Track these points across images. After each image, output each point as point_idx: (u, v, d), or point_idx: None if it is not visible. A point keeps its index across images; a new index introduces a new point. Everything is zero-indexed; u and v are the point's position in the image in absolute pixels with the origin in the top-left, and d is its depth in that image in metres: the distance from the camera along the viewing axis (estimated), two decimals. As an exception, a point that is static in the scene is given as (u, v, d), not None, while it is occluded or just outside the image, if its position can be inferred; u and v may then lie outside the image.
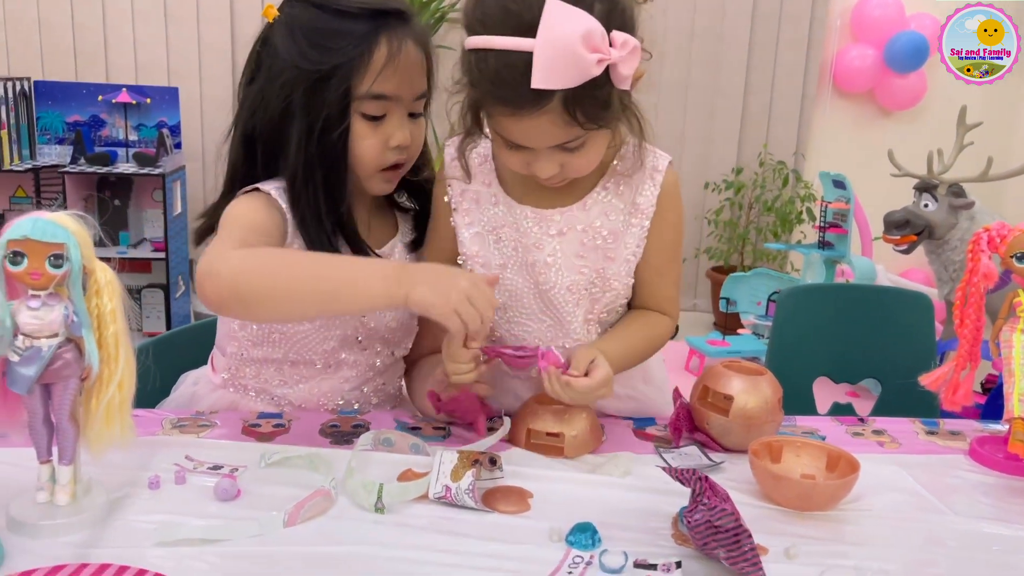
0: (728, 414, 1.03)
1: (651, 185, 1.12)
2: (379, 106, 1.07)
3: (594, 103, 0.94)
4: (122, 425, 0.82)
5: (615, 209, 1.11)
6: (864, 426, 1.17)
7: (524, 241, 1.11)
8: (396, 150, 1.10)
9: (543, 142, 0.98)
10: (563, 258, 1.11)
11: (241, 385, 1.19)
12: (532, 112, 0.94)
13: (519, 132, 0.98)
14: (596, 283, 1.12)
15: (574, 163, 1.02)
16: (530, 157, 1.01)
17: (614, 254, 1.11)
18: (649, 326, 1.16)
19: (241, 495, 0.89)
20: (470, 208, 1.14)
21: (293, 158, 1.06)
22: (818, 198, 3.55)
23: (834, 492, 0.91)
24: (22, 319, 0.77)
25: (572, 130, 0.96)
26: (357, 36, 1.05)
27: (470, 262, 1.14)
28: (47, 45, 3.47)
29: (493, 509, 0.89)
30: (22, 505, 0.82)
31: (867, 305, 1.70)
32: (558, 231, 1.10)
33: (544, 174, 1.02)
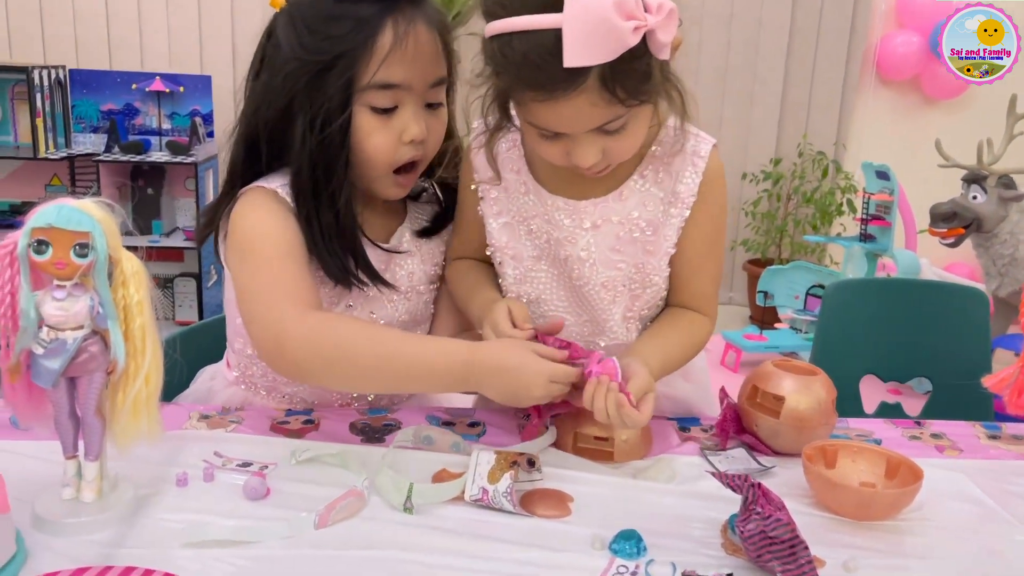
0: (779, 416, 0.98)
1: (692, 172, 1.03)
2: (388, 96, 0.98)
3: (634, 76, 0.86)
4: (149, 420, 0.79)
5: (654, 198, 1.03)
6: (921, 429, 1.11)
7: (556, 234, 1.04)
8: (411, 145, 1.01)
9: (582, 126, 0.90)
10: (598, 253, 1.04)
11: (252, 383, 1.14)
12: (568, 93, 0.85)
13: (555, 118, 0.90)
14: (635, 279, 1.05)
15: (616, 147, 0.94)
16: (569, 145, 0.93)
17: (654, 247, 1.04)
18: (688, 331, 1.07)
19: (271, 494, 0.86)
20: (499, 197, 1.07)
21: (296, 156, 0.99)
22: (859, 189, 3.46)
23: (895, 501, 0.85)
24: (47, 310, 0.74)
25: (613, 109, 0.88)
26: (359, 21, 0.96)
27: (499, 254, 1.08)
28: (82, 34, 3.48)
29: (532, 513, 0.85)
30: (47, 502, 0.80)
31: (918, 301, 1.63)
32: (592, 224, 1.03)
33: (586, 162, 0.94)
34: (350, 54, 0.96)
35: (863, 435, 1.08)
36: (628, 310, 1.07)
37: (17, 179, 3.20)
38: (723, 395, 1.06)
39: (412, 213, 1.15)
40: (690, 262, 1.06)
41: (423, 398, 1.23)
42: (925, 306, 1.62)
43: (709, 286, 1.09)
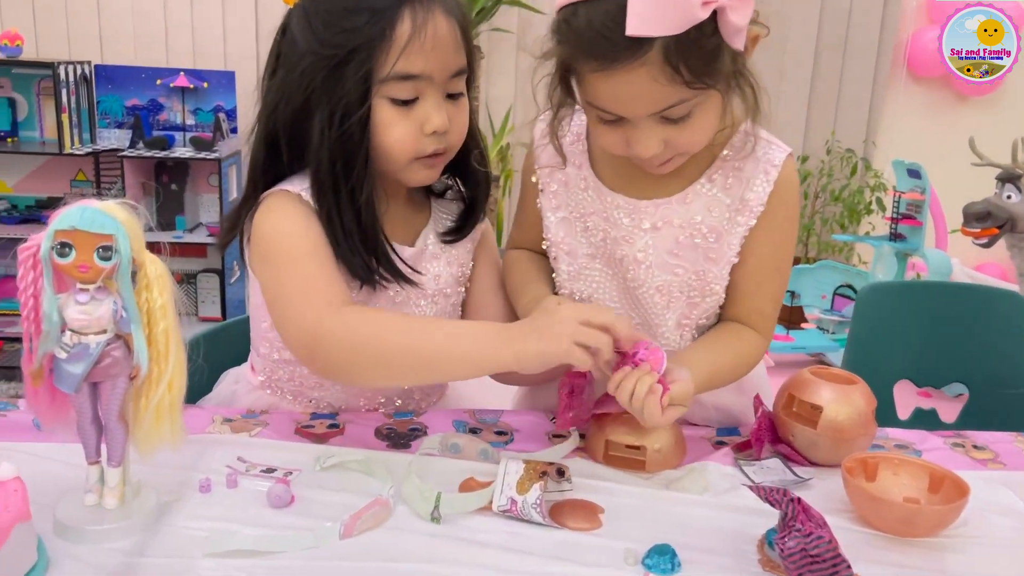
0: (816, 426, 0.95)
1: (764, 180, 0.98)
2: (408, 88, 0.95)
3: (700, 55, 0.82)
4: (172, 426, 0.78)
5: (720, 204, 0.99)
6: (964, 440, 1.08)
7: (613, 233, 1.01)
8: (434, 137, 0.98)
9: (641, 107, 0.86)
10: (655, 255, 1.01)
11: (277, 387, 1.12)
12: (628, 64, 0.82)
13: (614, 95, 0.86)
14: (694, 286, 1.01)
15: (679, 138, 0.89)
16: (629, 132, 0.90)
17: (716, 255, 1.00)
18: (741, 350, 1.03)
19: (295, 501, 0.85)
20: (558, 191, 1.05)
21: (315, 153, 0.96)
22: (889, 188, 3.40)
23: (941, 518, 0.82)
24: (70, 314, 0.73)
25: (675, 90, 0.84)
26: (375, 12, 0.93)
27: (554, 248, 1.06)
28: (107, 29, 3.49)
29: (562, 525, 0.82)
30: (69, 508, 0.79)
31: (953, 304, 1.59)
32: (652, 225, 1.00)
33: (646, 152, 0.90)
34: (367, 46, 0.93)
35: (902, 445, 1.05)
36: (684, 317, 1.04)
37: (43, 174, 3.21)
38: (757, 403, 1.03)
39: (437, 213, 1.13)
40: (752, 276, 1.02)
41: (449, 400, 1.21)
42: (960, 309, 1.58)
43: (768, 305, 1.04)
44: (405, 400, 1.14)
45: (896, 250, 3.13)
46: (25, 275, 0.74)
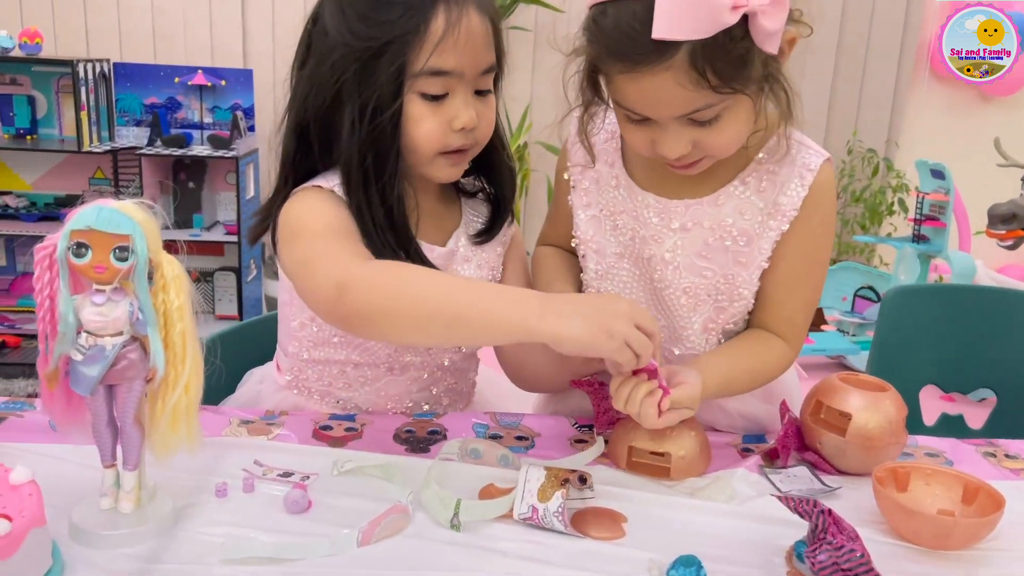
0: (845, 434, 0.93)
1: (799, 184, 0.96)
2: (440, 83, 0.95)
3: (728, 60, 0.81)
4: (189, 429, 0.77)
5: (752, 208, 0.97)
6: (995, 448, 1.05)
7: (642, 232, 1.00)
8: (461, 133, 0.97)
9: (668, 109, 0.85)
10: (683, 256, 0.99)
11: (305, 387, 1.11)
12: (653, 67, 0.81)
13: (640, 97, 0.86)
14: (722, 290, 1.00)
15: (707, 141, 0.88)
16: (655, 133, 0.89)
17: (746, 259, 0.98)
18: (763, 359, 1.00)
19: (312, 507, 0.83)
20: (589, 188, 1.05)
21: (346, 145, 0.96)
22: (912, 188, 3.36)
23: (976, 531, 0.80)
24: (86, 315, 0.72)
25: (702, 95, 0.83)
26: (410, 7, 0.92)
27: (583, 246, 1.05)
28: (126, 27, 3.50)
29: (584, 534, 0.80)
30: (85, 512, 0.78)
31: (979, 307, 1.55)
32: (681, 225, 0.99)
33: (672, 153, 0.89)
34: (401, 40, 0.93)
35: (933, 454, 1.02)
36: (711, 322, 1.02)
37: (61, 172, 3.22)
38: (784, 409, 1.00)
39: (467, 215, 1.11)
40: (782, 283, 0.99)
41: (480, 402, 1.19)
42: (987, 313, 1.54)
43: (799, 314, 1.02)
44: (433, 404, 1.13)
45: (919, 252, 3.09)
46: (41, 275, 0.73)
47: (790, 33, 0.86)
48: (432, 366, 1.10)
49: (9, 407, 1.02)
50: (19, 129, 3.08)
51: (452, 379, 1.14)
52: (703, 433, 0.95)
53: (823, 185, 0.97)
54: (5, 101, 3.08)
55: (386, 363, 1.07)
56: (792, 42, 0.88)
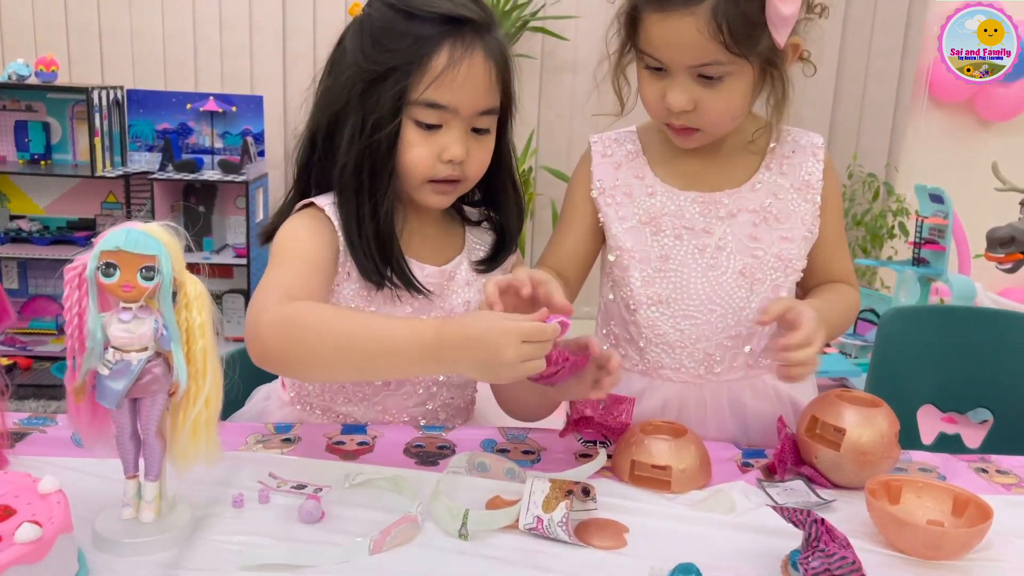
0: (839, 448, 0.96)
1: (814, 160, 1.13)
2: (434, 115, 1.01)
3: (743, 21, 0.95)
4: (208, 442, 0.80)
5: (783, 188, 1.12)
6: (988, 464, 1.08)
7: (692, 227, 1.11)
8: (449, 165, 1.03)
9: (683, 55, 0.99)
10: (734, 241, 1.11)
11: (307, 403, 1.15)
12: (681, 11, 0.96)
13: (662, 40, 0.99)
14: (775, 267, 1.11)
15: (708, 103, 1.01)
16: (667, 84, 1.02)
17: (790, 234, 1.11)
18: (847, 298, 1.15)
19: (325, 517, 0.86)
20: (622, 202, 1.14)
21: (343, 156, 1.02)
22: (912, 212, 3.39)
23: (965, 541, 0.82)
24: (113, 332, 0.75)
25: (715, 48, 0.96)
26: (418, 39, 0.99)
27: (625, 257, 1.13)
28: (139, 55, 3.58)
29: (587, 544, 0.83)
30: (107, 521, 0.81)
31: (977, 329, 1.58)
32: (728, 213, 1.11)
33: (677, 103, 1.01)
34: (404, 68, 0.99)
35: (926, 469, 1.05)
36: (769, 302, 1.08)
37: (74, 196, 3.28)
38: (781, 425, 1.03)
39: (470, 242, 1.16)
40: (830, 244, 1.15)
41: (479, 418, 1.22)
42: (984, 334, 1.57)
43: (850, 262, 1.20)
44: (430, 419, 1.16)
45: (919, 275, 3.12)
46: (70, 294, 0.77)
47: (796, 39, 1.00)
48: (428, 382, 1.14)
49: (32, 423, 1.05)
50: (34, 154, 3.15)
51: (448, 394, 1.17)
52: (703, 448, 0.99)
53: (830, 162, 1.15)
54: (20, 127, 3.15)
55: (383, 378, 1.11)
56: (796, 48, 1.02)
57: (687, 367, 1.13)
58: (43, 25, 3.52)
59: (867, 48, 3.79)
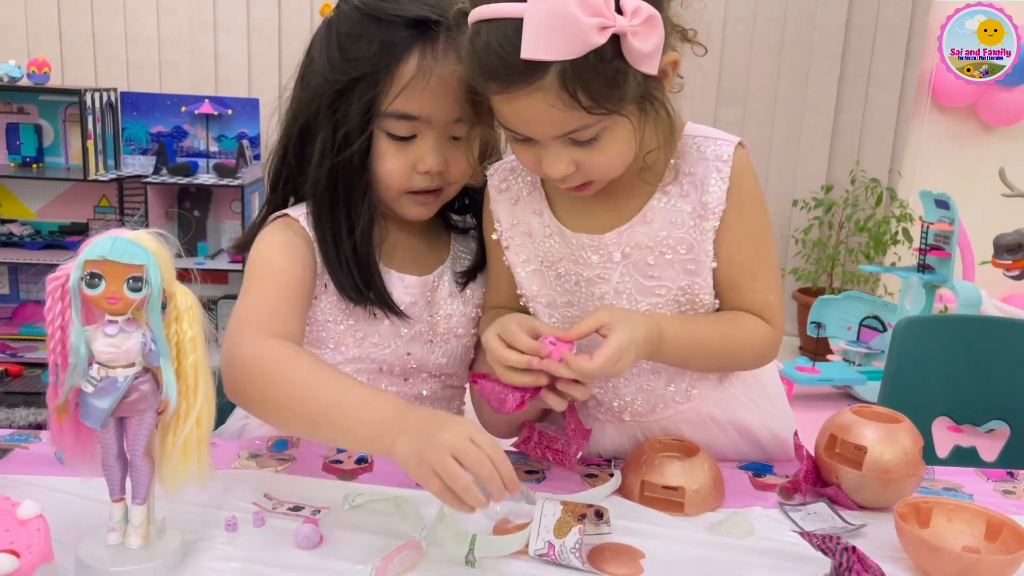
0: (861, 467, 0.91)
1: (717, 178, 0.94)
2: (406, 126, 0.96)
3: (599, 81, 0.79)
4: (200, 462, 0.75)
5: (681, 214, 0.95)
6: (1015, 483, 1.03)
7: (586, 274, 0.98)
8: (426, 176, 0.98)
9: (544, 129, 0.85)
10: (632, 283, 0.97)
11: None
12: (524, 88, 0.80)
13: (515, 116, 0.85)
14: (682, 302, 0.97)
15: (590, 161, 0.87)
16: (539, 152, 0.87)
17: (694, 266, 0.96)
18: (732, 322, 0.97)
19: (323, 542, 0.82)
20: (524, 243, 1.01)
21: (313, 173, 0.98)
22: (916, 218, 3.36)
23: (1002, 569, 0.78)
24: (98, 347, 0.71)
25: (575, 115, 0.81)
26: (385, 45, 0.93)
27: (532, 303, 1.03)
28: (133, 57, 3.54)
29: (602, 571, 0.79)
30: (92, 546, 0.76)
31: (992, 339, 1.54)
32: (622, 255, 0.96)
33: (554, 173, 0.87)
34: (371, 78, 0.94)
35: (951, 488, 1.00)
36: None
37: (66, 200, 3.22)
38: (797, 444, 0.99)
39: (456, 251, 1.11)
40: (741, 268, 0.97)
41: None
42: (997, 344, 1.53)
43: (771, 295, 0.98)
44: None
45: (924, 282, 3.08)
46: (53, 306, 0.72)
47: (672, 56, 0.85)
48: (409, 396, 1.09)
49: (14, 439, 1.00)
50: (25, 157, 3.09)
51: (432, 408, 1.11)
52: (716, 466, 0.94)
53: (741, 170, 0.95)
54: (12, 130, 3.09)
55: None
56: (675, 64, 0.87)
57: (612, 411, 1.05)
58: (36, 27, 3.48)
59: (870, 53, 3.77)
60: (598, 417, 1.06)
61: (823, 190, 3.79)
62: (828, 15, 3.72)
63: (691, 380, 1.02)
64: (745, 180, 0.96)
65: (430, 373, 1.10)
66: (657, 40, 0.81)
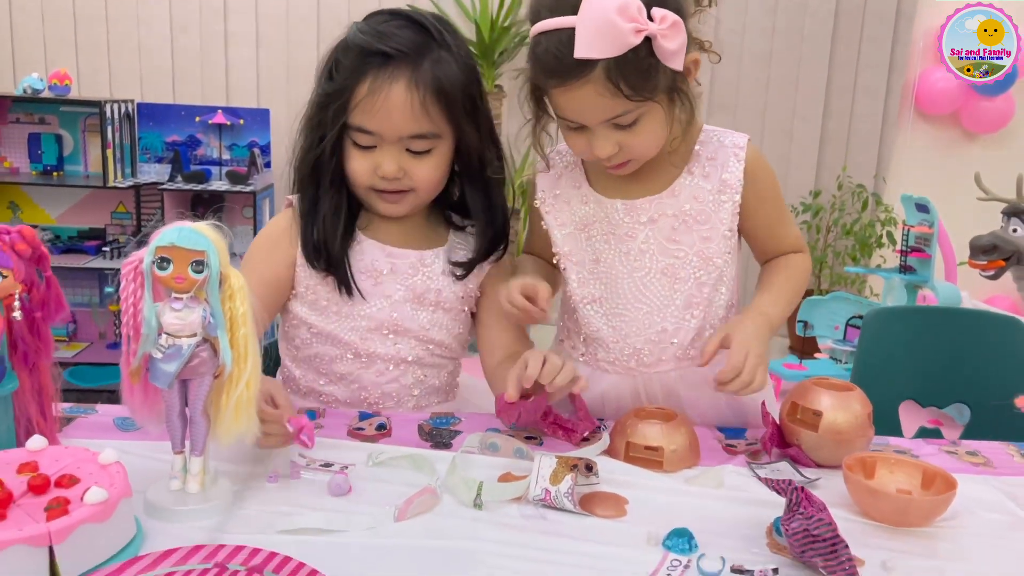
0: (818, 429, 1.04)
1: (735, 160, 1.18)
2: (365, 138, 1.15)
3: (636, 73, 1.02)
4: (248, 420, 0.88)
5: (703, 191, 1.19)
6: (957, 447, 1.17)
7: (617, 232, 1.20)
8: (386, 180, 1.16)
9: (593, 115, 1.06)
10: (655, 243, 1.19)
11: (295, 387, 1.29)
12: (577, 81, 1.02)
13: (569, 106, 1.07)
14: (697, 264, 1.19)
15: (631, 143, 1.09)
16: (589, 136, 1.09)
17: (709, 233, 1.19)
18: (790, 267, 1.24)
19: (352, 491, 0.95)
20: (561, 210, 1.24)
21: (301, 163, 1.21)
22: (899, 222, 3.49)
23: (931, 508, 0.91)
24: (166, 319, 0.84)
25: (619, 102, 1.04)
26: (350, 69, 1.14)
27: (564, 260, 1.23)
28: (147, 69, 3.67)
29: (591, 513, 0.92)
30: (157, 491, 0.89)
31: (955, 328, 1.67)
32: (649, 218, 1.19)
33: (602, 153, 1.09)
34: (337, 95, 1.14)
35: (901, 451, 1.14)
36: (693, 298, 1.19)
37: (86, 206, 3.36)
38: (765, 412, 1.12)
39: (453, 243, 1.28)
40: (777, 222, 1.24)
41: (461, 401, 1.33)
42: (962, 334, 1.66)
43: (793, 228, 1.28)
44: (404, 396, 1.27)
45: (906, 282, 3.21)
46: (127, 286, 0.86)
47: (693, 55, 1.08)
48: (397, 359, 1.25)
49: (75, 411, 1.14)
50: (46, 166, 3.23)
51: (421, 372, 1.27)
52: (692, 430, 1.08)
53: (755, 155, 1.20)
54: (34, 139, 3.24)
55: (352, 352, 1.24)
56: (696, 63, 1.10)
57: (620, 360, 1.23)
58: (53, 40, 3.61)
59: (855, 63, 3.91)
60: (606, 369, 1.24)
61: (811, 195, 3.93)
62: (815, 26, 3.86)
63: (693, 339, 1.21)
64: (760, 163, 1.21)
65: (416, 337, 1.25)
66: (681, 41, 1.03)
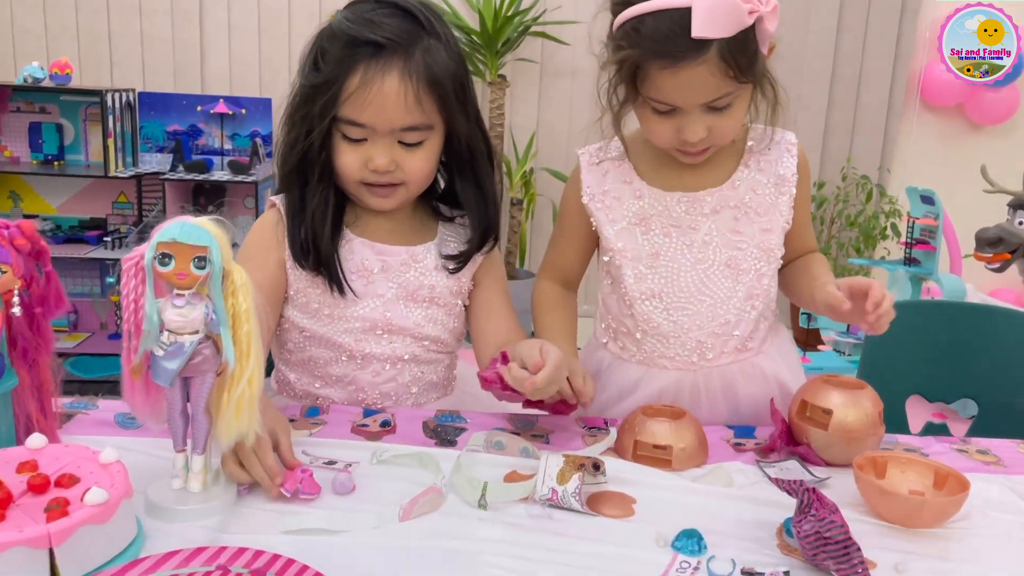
0: (828, 428, 1.03)
1: (789, 156, 1.22)
2: (356, 131, 1.11)
3: (746, 54, 1.03)
4: (250, 418, 0.87)
5: (760, 184, 1.21)
6: (968, 445, 1.15)
7: (679, 225, 1.20)
8: (377, 173, 1.13)
9: (697, 97, 1.06)
10: (719, 235, 1.20)
11: (290, 390, 1.26)
12: (693, 62, 1.02)
13: (675, 88, 1.05)
14: (758, 256, 1.20)
15: (721, 125, 1.10)
16: (680, 121, 1.09)
17: (769, 225, 1.20)
18: (824, 263, 1.28)
19: (356, 489, 0.94)
20: (612, 205, 1.22)
21: (285, 159, 1.17)
22: (904, 213, 3.47)
23: (943, 509, 0.90)
24: (168, 316, 0.83)
25: (726, 83, 1.04)
26: (339, 60, 1.09)
27: (617, 257, 1.21)
28: (149, 58, 3.65)
29: (598, 513, 0.91)
30: (158, 490, 0.88)
31: (963, 323, 1.66)
32: (712, 210, 1.20)
33: (694, 136, 1.09)
34: (326, 87, 1.10)
35: (911, 449, 1.12)
36: (753, 289, 1.20)
37: (87, 196, 3.34)
38: (774, 409, 1.11)
39: (443, 235, 1.25)
40: (803, 220, 1.27)
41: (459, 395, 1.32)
42: (969, 328, 1.64)
43: (814, 233, 1.35)
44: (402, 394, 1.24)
45: (910, 274, 3.20)
46: (128, 282, 0.84)
47: (773, 40, 1.09)
48: (393, 358, 1.22)
49: (75, 406, 1.12)
50: (47, 155, 3.21)
51: (418, 369, 1.25)
52: (700, 429, 1.06)
53: (804, 156, 1.25)
54: (35, 129, 3.22)
55: (347, 354, 1.21)
56: (772, 48, 1.11)
57: (681, 355, 1.21)
58: (55, 29, 3.59)
59: (860, 53, 3.88)
60: (665, 365, 1.23)
61: (815, 186, 3.91)
62: (820, 17, 3.84)
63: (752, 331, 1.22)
64: (806, 161, 1.25)
65: (410, 335, 1.22)
66: (777, 23, 1.05)
